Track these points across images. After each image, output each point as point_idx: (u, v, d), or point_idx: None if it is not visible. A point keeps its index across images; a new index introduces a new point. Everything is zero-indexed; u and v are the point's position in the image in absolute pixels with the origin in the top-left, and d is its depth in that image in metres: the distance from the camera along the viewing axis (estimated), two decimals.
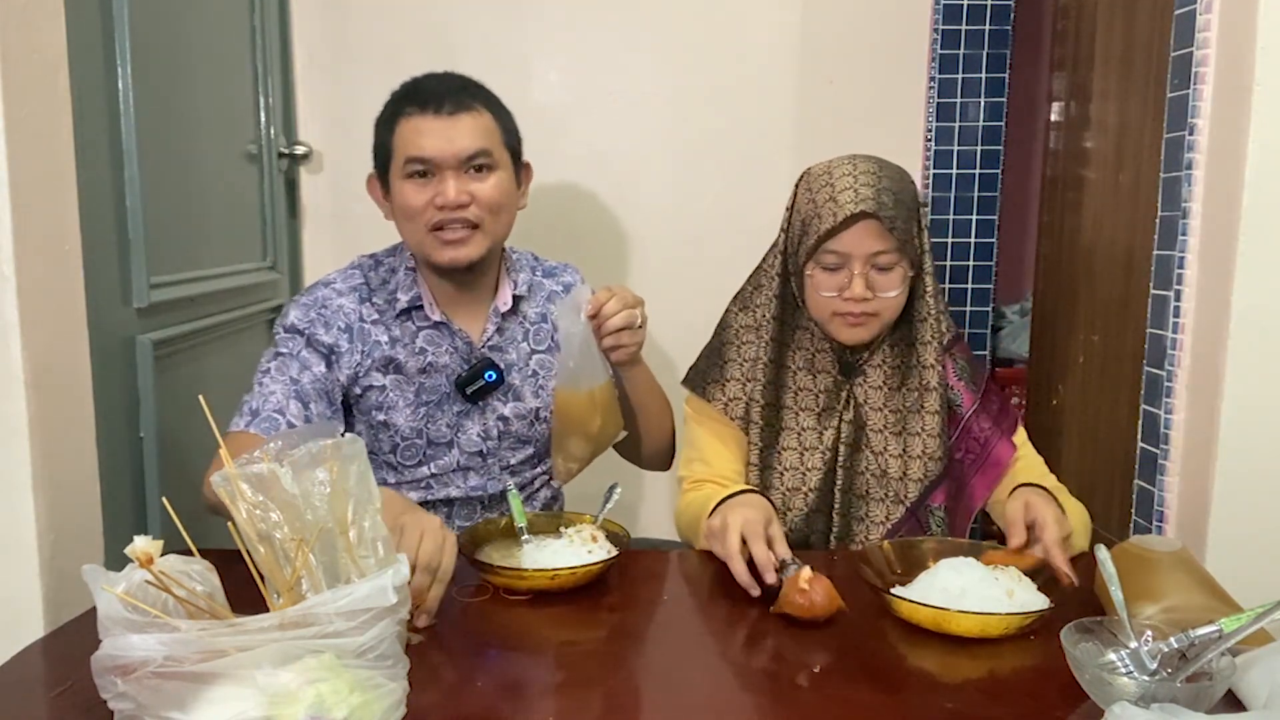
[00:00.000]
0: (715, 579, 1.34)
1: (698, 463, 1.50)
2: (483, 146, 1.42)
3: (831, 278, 1.36)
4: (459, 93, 1.43)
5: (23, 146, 1.12)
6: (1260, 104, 1.29)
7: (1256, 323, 1.33)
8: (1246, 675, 0.91)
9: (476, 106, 1.43)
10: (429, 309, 1.48)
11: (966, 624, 1.06)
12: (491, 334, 1.51)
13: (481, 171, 1.43)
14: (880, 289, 1.35)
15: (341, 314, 1.46)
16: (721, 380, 1.47)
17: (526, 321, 1.54)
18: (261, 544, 0.90)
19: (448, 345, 1.49)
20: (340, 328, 1.45)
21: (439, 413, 1.49)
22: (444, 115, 1.41)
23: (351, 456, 0.96)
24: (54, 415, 1.18)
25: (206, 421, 0.96)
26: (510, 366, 1.51)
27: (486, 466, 1.52)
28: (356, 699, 0.80)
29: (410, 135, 1.41)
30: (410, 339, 1.48)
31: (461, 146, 1.40)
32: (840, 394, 1.44)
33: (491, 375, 1.48)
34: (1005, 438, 1.46)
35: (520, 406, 1.52)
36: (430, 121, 1.40)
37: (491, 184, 1.43)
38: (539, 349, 1.54)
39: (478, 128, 1.42)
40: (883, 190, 1.33)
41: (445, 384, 1.48)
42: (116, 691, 0.80)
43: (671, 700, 0.97)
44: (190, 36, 1.77)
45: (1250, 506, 1.36)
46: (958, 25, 2.30)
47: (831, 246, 1.35)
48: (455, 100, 1.42)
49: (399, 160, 1.42)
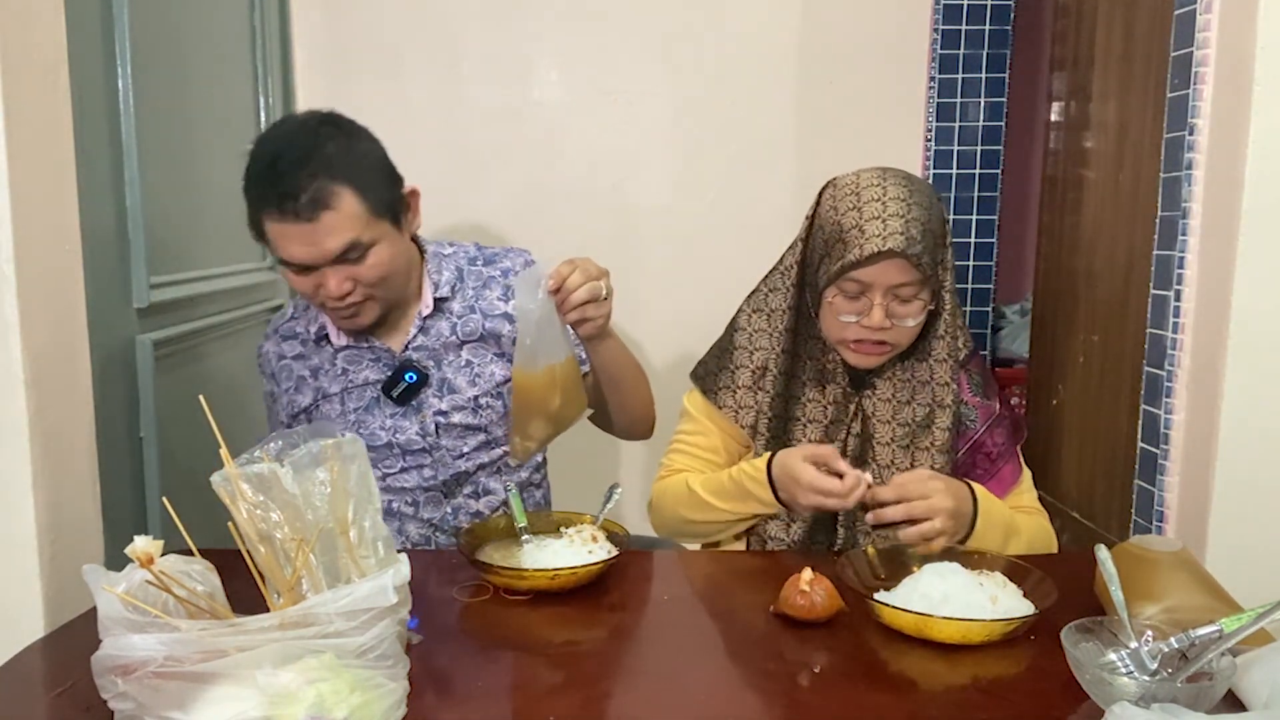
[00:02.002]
0: (715, 579, 1.34)
1: (679, 454, 1.50)
2: (351, 240, 1.36)
3: (851, 304, 1.34)
4: (315, 184, 1.33)
5: (23, 146, 1.12)
6: (1260, 104, 1.29)
7: (1256, 323, 1.33)
8: (1247, 675, 0.91)
9: (335, 199, 1.33)
10: (335, 337, 1.53)
11: (948, 630, 1.05)
12: (414, 336, 1.52)
13: (356, 260, 1.38)
14: (899, 318, 1.34)
15: (268, 363, 1.59)
16: (732, 386, 1.46)
17: (454, 315, 1.54)
18: (262, 544, 0.90)
19: (368, 360, 1.53)
20: (270, 375, 1.58)
21: (369, 417, 1.51)
22: (304, 221, 1.33)
23: (352, 456, 0.96)
24: (54, 415, 1.18)
25: (206, 421, 0.96)
26: (440, 362, 1.52)
27: (435, 459, 1.52)
28: (357, 699, 0.80)
29: (278, 239, 1.37)
30: (329, 363, 1.54)
31: (329, 249, 1.35)
32: (849, 406, 1.43)
33: (412, 376, 1.49)
34: (1014, 456, 1.45)
35: (457, 399, 1.52)
36: (292, 229, 1.34)
37: (369, 265, 1.39)
38: (470, 339, 1.53)
39: (341, 224, 1.34)
40: (912, 223, 1.30)
41: (372, 390, 1.52)
42: (117, 691, 0.80)
43: (671, 700, 0.97)
44: (190, 36, 1.77)
45: (1250, 506, 1.36)
46: (958, 25, 2.31)
47: (854, 276, 1.32)
48: (312, 199, 1.32)
49: (276, 251, 1.40)
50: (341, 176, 1.34)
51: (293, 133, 1.39)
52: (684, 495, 1.42)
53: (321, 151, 1.35)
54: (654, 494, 1.50)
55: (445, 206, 2.24)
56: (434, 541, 1.54)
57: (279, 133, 1.42)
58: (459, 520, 1.53)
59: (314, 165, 1.33)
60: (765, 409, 1.42)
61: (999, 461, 1.43)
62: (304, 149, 1.35)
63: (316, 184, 1.33)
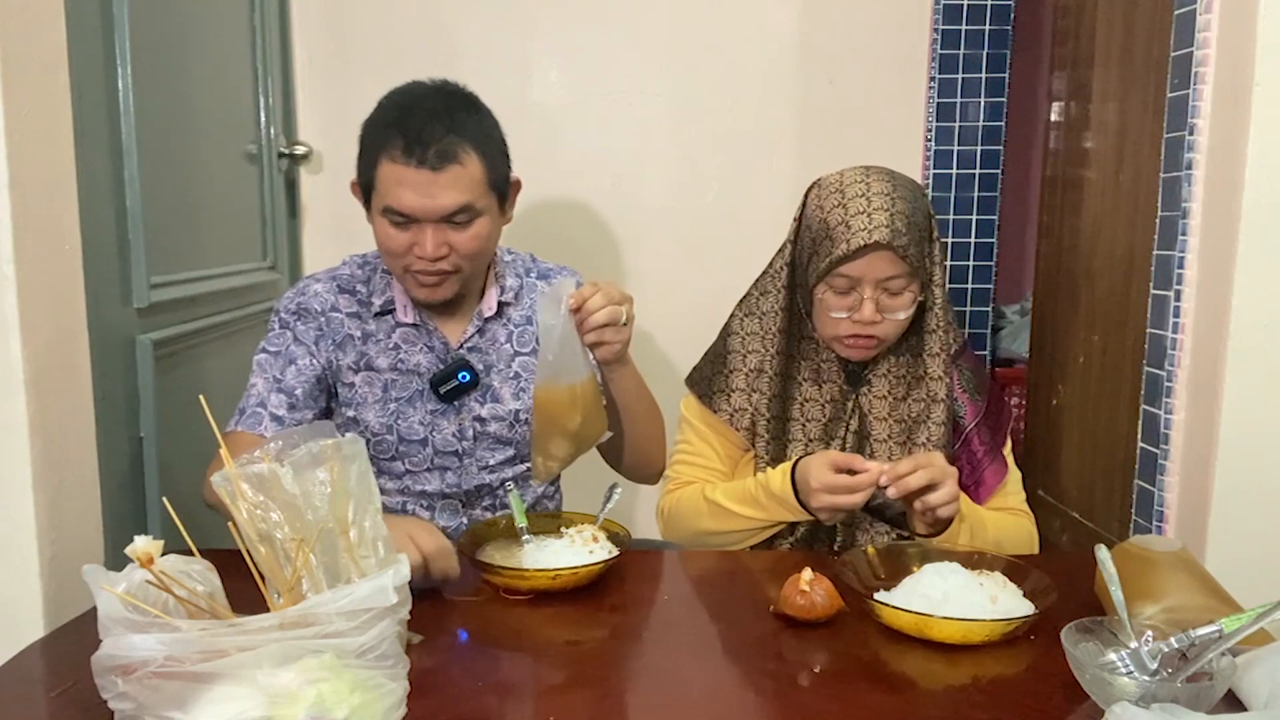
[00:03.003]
0: (715, 579, 1.34)
1: (684, 465, 1.50)
2: (465, 202, 1.36)
3: (841, 300, 1.36)
4: (447, 138, 1.34)
5: (23, 146, 1.12)
6: (1260, 104, 1.30)
7: (1256, 323, 1.33)
8: (1247, 675, 0.91)
9: (463, 156, 1.35)
10: (401, 312, 1.49)
11: (948, 630, 1.05)
12: (471, 335, 1.51)
13: (462, 224, 1.38)
14: (889, 311, 1.35)
15: (317, 300, 1.48)
16: (727, 390, 1.47)
17: (511, 324, 1.53)
18: (262, 544, 0.90)
19: (423, 345, 1.49)
20: (316, 313, 1.47)
21: (410, 410, 1.48)
22: (427, 169, 1.33)
23: (352, 456, 0.96)
24: (54, 415, 1.18)
25: (206, 421, 0.96)
26: (490, 368, 1.50)
27: (463, 465, 1.51)
28: (357, 699, 0.80)
29: (391, 184, 1.35)
30: (385, 336, 1.49)
31: (443, 205, 1.35)
32: (846, 404, 1.44)
33: (465, 376, 1.46)
34: (999, 457, 1.45)
35: (498, 408, 1.50)
36: (413, 174, 1.33)
37: (471, 234, 1.39)
38: (522, 351, 1.52)
39: (461, 182, 1.35)
40: (896, 215, 1.32)
41: (418, 382, 1.48)
42: (117, 691, 0.80)
43: (671, 700, 0.97)
44: (190, 36, 1.77)
45: (1250, 506, 1.36)
46: (958, 25, 2.30)
47: (842, 271, 1.34)
48: (442, 150, 1.34)
49: (380, 199, 1.38)
50: (471, 139, 1.37)
51: (428, 90, 1.42)
52: (702, 506, 1.43)
53: (458, 111, 1.38)
54: (665, 506, 1.50)
55: None
56: None
57: (413, 89, 1.43)
58: None
59: (449, 121, 1.36)
60: (762, 410, 1.43)
61: (984, 460, 1.44)
62: (442, 105, 1.38)
63: (449, 138, 1.35)
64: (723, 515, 1.40)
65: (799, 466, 1.33)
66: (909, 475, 1.25)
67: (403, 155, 1.34)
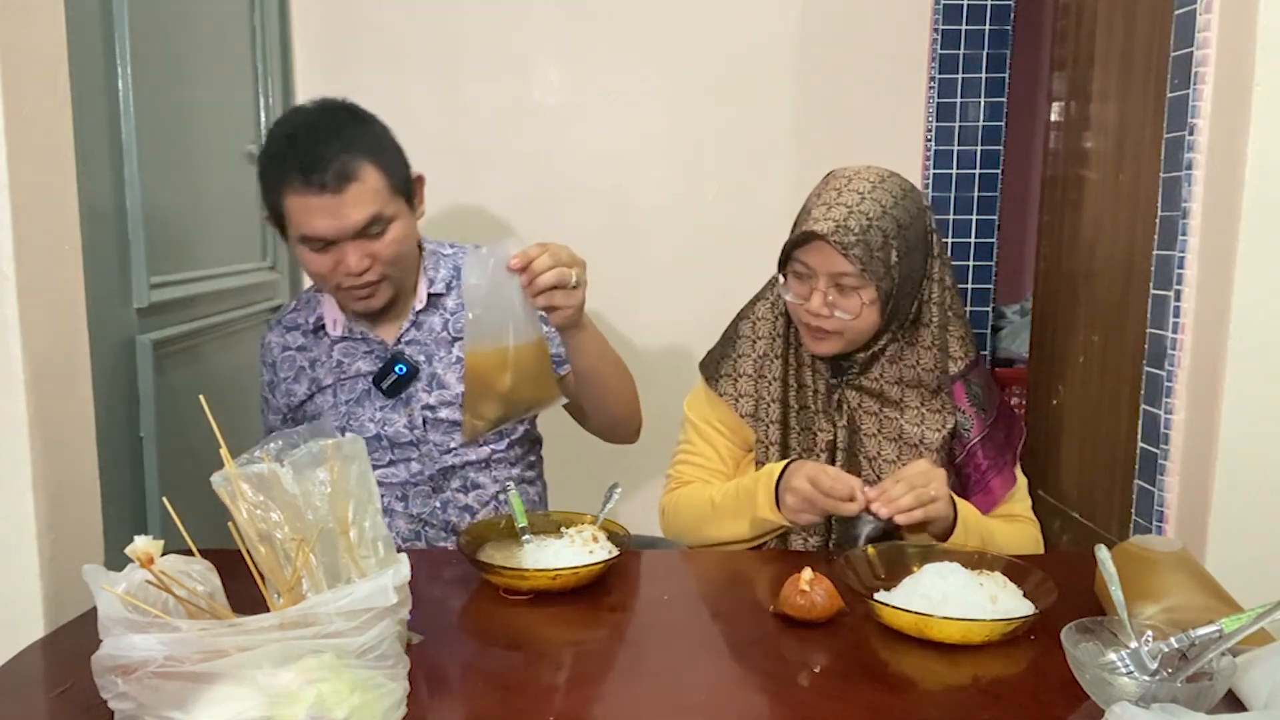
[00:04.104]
0: (715, 579, 1.34)
1: (685, 464, 1.50)
2: (374, 213, 1.39)
3: (799, 286, 1.38)
4: (340, 158, 1.37)
5: (23, 146, 1.12)
6: (1260, 104, 1.29)
7: (1256, 323, 1.33)
8: (1247, 675, 0.91)
9: (360, 171, 1.38)
10: (331, 327, 1.55)
11: (948, 630, 1.05)
12: (407, 329, 1.54)
13: (377, 235, 1.42)
14: (839, 308, 1.35)
15: (269, 353, 1.60)
16: (734, 375, 1.47)
17: (446, 312, 1.56)
18: (262, 544, 0.90)
19: (363, 351, 1.55)
20: (269, 365, 1.60)
21: (359, 409, 1.54)
22: (329, 193, 1.36)
23: (352, 456, 0.96)
24: (54, 415, 1.18)
25: (206, 421, 0.96)
26: (430, 358, 1.54)
27: (422, 453, 1.53)
28: (357, 699, 0.80)
29: (300, 214, 1.39)
30: (326, 354, 1.56)
31: (354, 221, 1.38)
32: (833, 397, 1.44)
33: (402, 368, 1.51)
34: (1007, 470, 1.45)
35: (445, 394, 1.53)
36: (317, 200, 1.37)
37: (389, 240, 1.43)
38: (461, 336, 1.53)
39: (365, 196, 1.38)
40: (853, 214, 1.32)
41: (364, 383, 1.54)
42: (117, 691, 0.80)
43: (671, 700, 0.97)
44: (190, 36, 1.77)
45: (1250, 506, 1.36)
46: (958, 25, 2.31)
47: (799, 256, 1.36)
48: (338, 171, 1.36)
49: (294, 230, 1.42)
50: (363, 152, 1.39)
51: (311, 114, 1.45)
52: (701, 509, 1.43)
53: (344, 129, 1.41)
54: (666, 506, 1.50)
55: (445, 206, 2.24)
56: (424, 536, 1.55)
57: (296, 116, 1.47)
58: (448, 514, 1.54)
59: (338, 141, 1.38)
60: (766, 397, 1.43)
61: (989, 474, 1.44)
62: (326, 127, 1.41)
63: (341, 158, 1.37)
64: (715, 519, 1.41)
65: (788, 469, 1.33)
66: (899, 498, 1.25)
67: (302, 185, 1.37)
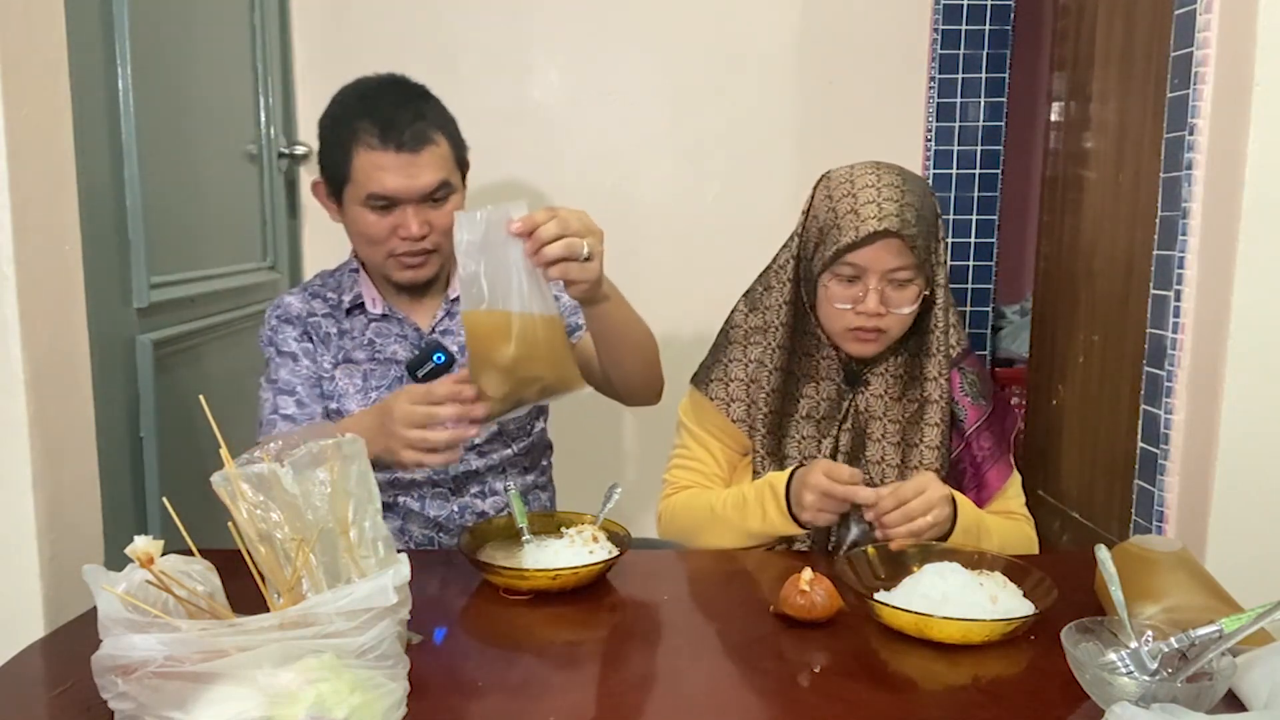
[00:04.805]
0: (715, 579, 1.34)
1: (681, 469, 1.50)
2: (443, 179, 1.43)
3: (847, 290, 1.35)
4: (418, 122, 1.41)
5: (23, 146, 1.12)
6: (1260, 104, 1.29)
7: (1256, 323, 1.33)
8: (1247, 675, 0.91)
9: (435, 136, 1.43)
10: (370, 305, 1.53)
11: (948, 630, 1.05)
12: (441, 318, 1.54)
13: (439, 201, 1.44)
14: (894, 305, 1.34)
15: (294, 309, 1.53)
16: (725, 379, 1.46)
17: None
18: (262, 544, 0.90)
19: (396, 334, 1.53)
20: (296, 319, 1.53)
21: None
22: (405, 152, 1.40)
23: (352, 456, 0.96)
24: (54, 415, 1.18)
25: (206, 421, 0.96)
26: (463, 349, 1.50)
27: None
28: (357, 699, 0.80)
29: (371, 170, 1.40)
30: (359, 332, 1.53)
31: (425, 183, 1.41)
32: (842, 403, 1.43)
33: (440, 357, 1.47)
34: (1002, 460, 1.45)
35: None
36: (392, 158, 1.39)
37: (448, 210, 1.44)
38: None
39: (437, 160, 1.42)
40: (906, 206, 1.32)
41: (396, 370, 1.52)
42: (117, 691, 0.79)
43: (671, 700, 0.97)
44: (190, 36, 1.77)
45: (1250, 506, 1.36)
46: (958, 25, 2.31)
47: (850, 259, 1.33)
48: (415, 134, 1.40)
49: (358, 189, 1.42)
50: (435, 121, 1.44)
51: (384, 81, 1.49)
52: (700, 515, 1.43)
53: (418, 97, 1.46)
54: (663, 511, 1.50)
55: None
56: (438, 542, 1.53)
57: (369, 82, 1.49)
58: (464, 520, 1.53)
59: (415, 106, 1.44)
60: (760, 404, 1.42)
61: (984, 465, 1.44)
62: (402, 92, 1.46)
63: (419, 122, 1.41)
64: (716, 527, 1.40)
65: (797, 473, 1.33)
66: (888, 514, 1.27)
67: (379, 141, 1.39)
